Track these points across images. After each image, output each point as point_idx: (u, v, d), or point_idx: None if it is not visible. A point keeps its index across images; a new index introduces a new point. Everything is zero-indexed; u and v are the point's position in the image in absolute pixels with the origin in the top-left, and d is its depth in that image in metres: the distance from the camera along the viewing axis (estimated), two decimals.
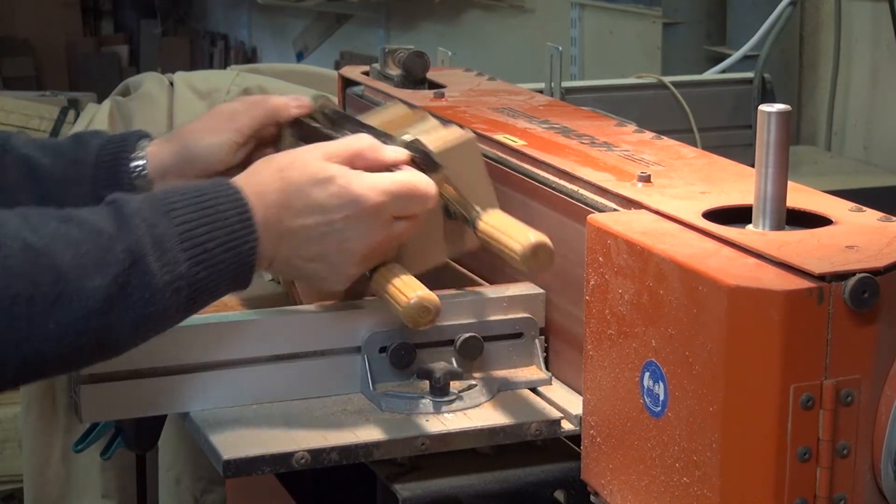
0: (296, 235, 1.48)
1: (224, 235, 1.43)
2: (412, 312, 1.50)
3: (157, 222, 1.39)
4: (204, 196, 1.44)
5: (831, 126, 3.73)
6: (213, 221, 1.43)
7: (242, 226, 1.44)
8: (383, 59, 2.19)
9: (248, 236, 1.44)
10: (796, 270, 1.27)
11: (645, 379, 1.37)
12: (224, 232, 1.43)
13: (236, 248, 1.43)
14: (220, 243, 1.42)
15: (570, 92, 3.00)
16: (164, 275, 1.38)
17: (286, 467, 1.49)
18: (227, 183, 1.47)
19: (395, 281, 1.53)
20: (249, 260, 1.44)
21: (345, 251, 1.50)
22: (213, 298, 1.46)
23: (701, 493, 1.31)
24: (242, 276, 1.46)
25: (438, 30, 6.39)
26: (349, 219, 1.48)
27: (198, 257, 1.41)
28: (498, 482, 1.56)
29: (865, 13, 3.64)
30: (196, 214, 1.42)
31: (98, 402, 1.54)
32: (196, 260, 1.40)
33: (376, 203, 1.49)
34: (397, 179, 1.52)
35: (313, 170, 1.48)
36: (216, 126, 1.73)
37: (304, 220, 1.47)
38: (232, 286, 1.46)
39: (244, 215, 1.44)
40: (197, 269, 1.41)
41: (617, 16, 5.01)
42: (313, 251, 1.49)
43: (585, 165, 1.66)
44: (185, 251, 1.40)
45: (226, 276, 1.44)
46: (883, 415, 1.29)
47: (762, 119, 1.37)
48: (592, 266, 1.45)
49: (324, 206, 1.48)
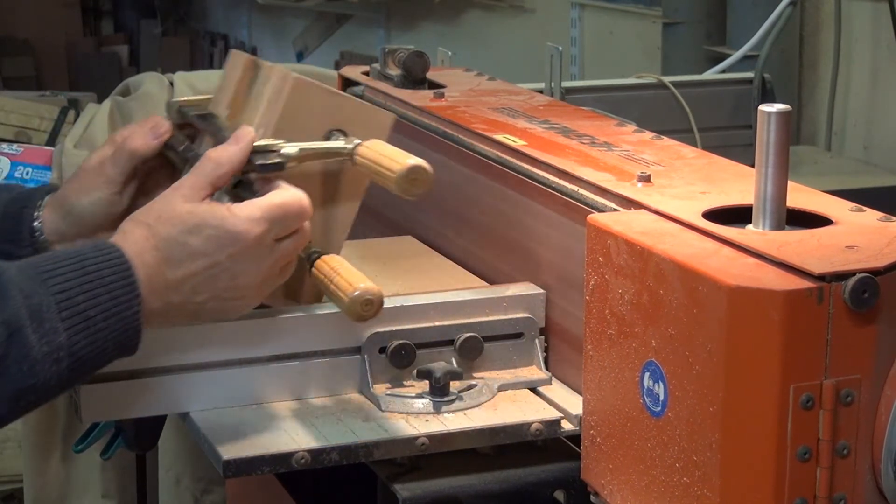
0: (184, 284, 1.45)
1: (106, 301, 1.40)
2: (355, 307, 1.45)
3: (34, 292, 1.36)
4: (85, 262, 1.41)
5: (831, 126, 3.73)
6: (94, 288, 1.39)
7: (125, 290, 1.41)
8: (383, 59, 2.19)
9: (132, 301, 1.41)
10: (796, 270, 1.27)
11: (645, 379, 1.37)
12: (106, 298, 1.40)
13: (119, 313, 1.40)
14: (102, 310, 1.39)
15: (570, 92, 3.00)
16: (43, 346, 1.34)
17: (286, 467, 1.49)
18: (110, 246, 1.43)
19: (334, 276, 1.49)
20: (134, 325, 1.41)
21: (238, 286, 1.47)
22: (99, 365, 1.42)
23: (701, 493, 1.31)
24: (129, 341, 1.42)
25: (438, 30, 6.39)
26: (233, 256, 1.45)
27: (77, 326, 1.37)
28: (498, 482, 1.56)
29: (865, 13, 3.64)
30: (76, 282, 1.39)
31: (98, 402, 1.54)
32: (75, 329, 1.37)
33: (256, 234, 1.46)
34: (270, 203, 1.47)
35: (182, 219, 1.45)
36: (88, 184, 1.67)
37: (189, 267, 1.45)
38: (118, 352, 1.43)
39: (127, 280, 1.41)
40: (77, 339, 1.37)
41: (617, 16, 5.01)
42: (206, 294, 1.46)
43: (585, 165, 1.66)
44: (63, 321, 1.36)
45: (110, 343, 1.40)
46: (883, 415, 1.29)
47: (762, 119, 1.37)
48: (592, 266, 1.45)
49: (205, 250, 1.45)
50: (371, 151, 1.54)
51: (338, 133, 1.60)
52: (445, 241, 1.96)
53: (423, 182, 1.48)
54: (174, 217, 1.46)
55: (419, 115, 2.02)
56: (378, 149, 1.54)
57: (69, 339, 1.37)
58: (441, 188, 1.95)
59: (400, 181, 1.47)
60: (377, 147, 1.54)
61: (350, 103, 1.62)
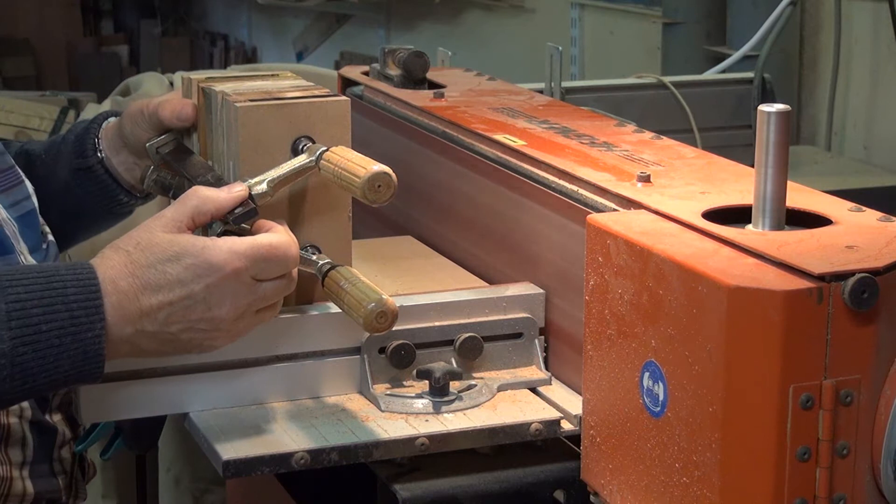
0: (159, 312, 1.44)
1: (64, 319, 1.39)
2: (370, 321, 1.46)
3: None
4: (53, 277, 1.41)
5: (831, 126, 3.73)
6: (54, 304, 1.39)
7: (87, 311, 1.40)
8: (383, 59, 2.19)
9: (94, 323, 1.40)
10: (796, 270, 1.27)
11: (645, 379, 1.37)
12: (65, 316, 1.39)
13: (78, 333, 1.40)
14: (55, 327, 1.39)
15: (570, 92, 3.00)
16: None
17: (286, 468, 1.49)
18: (85, 266, 1.43)
19: (348, 289, 1.51)
20: (95, 348, 1.41)
21: (213, 318, 1.46)
22: (55, 383, 1.41)
23: (701, 493, 1.31)
24: (89, 365, 1.41)
25: (438, 30, 6.40)
26: (210, 287, 1.44)
27: (25, 338, 1.38)
28: (498, 482, 1.56)
29: (865, 13, 3.64)
30: (36, 294, 1.39)
31: (98, 402, 1.54)
32: (22, 340, 1.38)
33: (235, 268, 1.45)
34: (255, 243, 1.47)
35: (162, 247, 1.45)
36: (128, 120, 1.83)
37: (165, 296, 1.44)
38: (77, 374, 1.42)
39: (92, 300, 1.41)
40: (23, 350, 1.38)
41: (617, 16, 5.01)
42: (180, 325, 1.45)
43: (585, 165, 1.66)
44: (10, 329, 1.37)
45: (64, 362, 1.40)
46: (883, 415, 1.29)
47: (762, 119, 1.37)
48: (592, 266, 1.45)
49: (182, 279, 1.44)
50: (336, 158, 1.54)
51: (304, 140, 1.61)
52: (445, 241, 1.96)
53: (387, 188, 1.48)
54: (154, 245, 1.46)
55: (419, 116, 2.02)
56: (342, 155, 1.54)
57: (13, 350, 1.37)
58: (440, 188, 1.95)
59: (364, 189, 1.47)
60: (341, 154, 1.54)
61: (302, 106, 1.62)
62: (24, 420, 1.69)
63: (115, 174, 1.86)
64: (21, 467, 1.69)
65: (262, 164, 1.59)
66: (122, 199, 1.89)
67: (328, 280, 1.54)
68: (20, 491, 1.68)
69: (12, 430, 1.68)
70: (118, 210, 1.92)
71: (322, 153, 1.56)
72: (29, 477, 1.69)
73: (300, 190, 1.63)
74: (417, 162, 1.99)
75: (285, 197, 1.62)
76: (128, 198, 1.89)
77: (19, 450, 1.69)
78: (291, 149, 1.61)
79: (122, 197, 1.88)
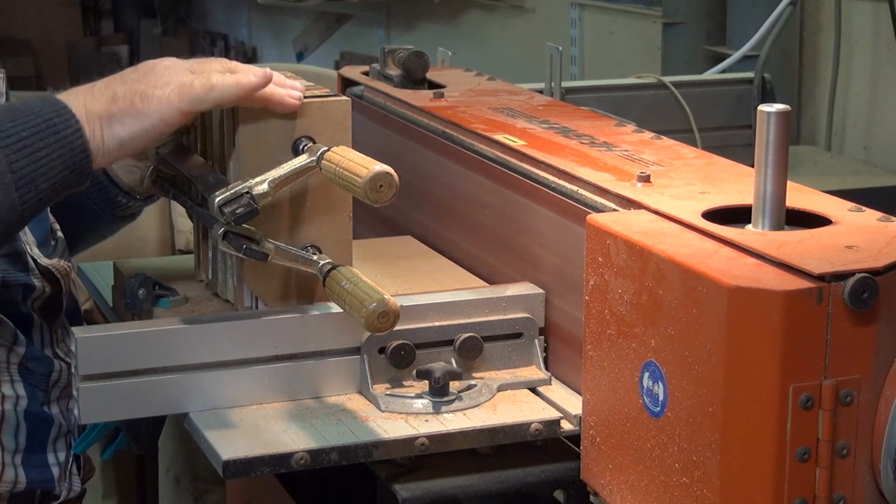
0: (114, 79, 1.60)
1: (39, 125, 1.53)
2: (372, 321, 1.47)
3: None
4: (13, 105, 1.58)
5: (831, 126, 3.73)
6: (23, 116, 1.54)
7: (57, 112, 1.55)
8: (383, 59, 2.19)
9: (69, 120, 1.54)
10: (796, 270, 1.27)
11: (644, 379, 1.37)
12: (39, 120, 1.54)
13: (58, 132, 1.54)
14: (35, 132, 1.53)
15: (570, 92, 3.01)
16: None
17: (286, 468, 1.49)
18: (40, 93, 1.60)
19: (351, 288, 1.51)
20: (79, 143, 1.54)
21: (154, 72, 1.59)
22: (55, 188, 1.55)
23: (701, 493, 1.31)
24: (78, 161, 1.55)
25: (438, 30, 6.40)
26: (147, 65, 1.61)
27: (12, 146, 1.52)
28: (498, 482, 1.56)
29: (865, 13, 3.64)
30: (8, 116, 1.54)
31: (98, 402, 1.54)
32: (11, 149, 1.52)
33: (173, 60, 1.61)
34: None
35: None
36: None
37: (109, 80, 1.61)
38: (70, 172, 1.55)
39: (58, 104, 1.56)
40: (15, 157, 1.51)
41: (617, 16, 5.02)
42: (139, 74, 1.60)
43: (585, 165, 1.66)
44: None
45: (56, 162, 1.54)
46: (882, 415, 1.29)
47: (762, 119, 1.37)
48: (592, 266, 1.45)
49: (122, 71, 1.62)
50: (337, 157, 1.54)
51: (305, 140, 1.61)
52: (445, 241, 1.96)
53: (389, 188, 1.48)
54: None
55: (419, 116, 2.02)
56: (344, 155, 1.54)
57: (7, 158, 1.51)
58: (440, 188, 1.95)
59: (366, 188, 1.47)
60: (343, 154, 1.55)
61: (302, 106, 1.62)
62: (20, 409, 1.71)
63: (114, 176, 1.86)
64: (14, 454, 1.70)
65: (262, 164, 1.59)
66: (120, 200, 1.88)
67: (329, 280, 1.55)
68: (12, 478, 1.70)
69: (6, 417, 1.69)
70: (118, 212, 1.92)
71: (323, 153, 1.56)
72: (22, 465, 1.71)
73: (301, 190, 1.63)
74: (417, 162, 1.99)
75: (286, 197, 1.62)
76: (126, 199, 1.89)
77: (12, 437, 1.70)
78: (292, 149, 1.62)
79: (121, 199, 1.88)
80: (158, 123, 1.57)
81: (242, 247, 1.56)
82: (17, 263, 1.74)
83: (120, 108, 1.57)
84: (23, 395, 1.72)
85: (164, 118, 1.57)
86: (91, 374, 1.53)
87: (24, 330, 1.75)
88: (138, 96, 1.57)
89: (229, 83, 1.57)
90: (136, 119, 1.57)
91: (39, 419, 1.74)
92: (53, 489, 1.75)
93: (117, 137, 1.57)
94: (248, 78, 1.58)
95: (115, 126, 1.56)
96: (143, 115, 1.57)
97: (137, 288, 1.71)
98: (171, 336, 1.56)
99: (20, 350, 1.74)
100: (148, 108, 1.56)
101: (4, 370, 1.72)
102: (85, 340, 1.53)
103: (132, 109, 1.56)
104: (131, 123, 1.57)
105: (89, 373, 1.53)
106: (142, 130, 1.57)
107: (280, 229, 1.63)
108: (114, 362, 1.53)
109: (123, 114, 1.56)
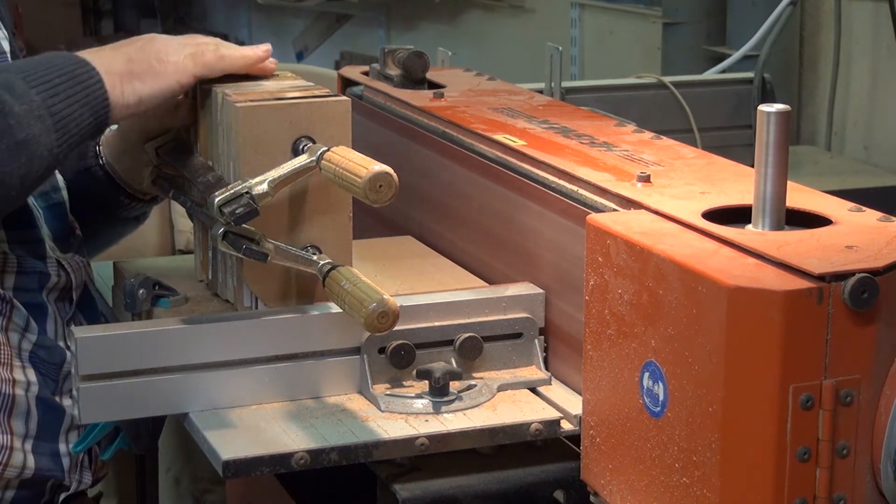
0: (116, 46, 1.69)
1: (66, 75, 1.62)
2: (372, 321, 1.47)
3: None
4: (32, 58, 1.67)
5: (831, 126, 3.73)
6: (49, 65, 1.62)
7: (78, 64, 1.64)
8: (383, 59, 2.19)
9: (90, 72, 1.63)
10: (796, 270, 1.27)
11: (644, 379, 1.37)
12: (63, 70, 1.62)
13: (82, 81, 1.63)
14: (64, 80, 1.62)
15: (570, 92, 3.01)
16: (22, 105, 1.57)
17: (286, 468, 1.49)
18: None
19: (351, 288, 1.51)
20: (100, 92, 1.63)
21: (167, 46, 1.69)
22: (82, 133, 1.63)
23: (701, 493, 1.31)
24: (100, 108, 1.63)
25: (438, 30, 6.39)
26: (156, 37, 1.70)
27: (47, 91, 1.60)
28: (498, 482, 1.56)
29: (865, 13, 3.64)
30: (30, 63, 1.64)
31: (98, 402, 1.54)
32: (47, 94, 1.60)
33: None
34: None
35: None
36: None
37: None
38: (94, 119, 1.63)
39: (77, 59, 1.64)
40: (51, 101, 1.60)
41: (617, 16, 5.02)
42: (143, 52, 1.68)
43: (585, 165, 1.66)
44: (31, 87, 1.60)
45: (85, 110, 1.62)
46: (883, 415, 1.29)
47: (762, 119, 1.37)
48: (592, 266, 1.45)
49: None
50: (337, 158, 1.54)
51: (305, 140, 1.61)
52: (445, 241, 1.96)
53: (388, 188, 1.48)
54: None
55: (419, 116, 2.02)
56: (343, 156, 1.54)
57: (44, 101, 1.59)
58: (440, 188, 1.95)
59: (366, 189, 1.47)
60: (342, 154, 1.55)
61: (302, 106, 1.63)
62: (31, 395, 1.72)
63: (117, 178, 1.87)
64: (24, 440, 1.71)
65: (262, 164, 1.59)
66: (123, 201, 1.89)
67: (329, 280, 1.55)
68: (20, 463, 1.70)
69: (17, 402, 1.71)
70: (121, 213, 1.92)
71: (323, 153, 1.56)
72: (32, 451, 1.71)
73: (301, 190, 1.63)
74: (417, 162, 1.99)
75: (286, 197, 1.62)
76: (129, 200, 1.89)
77: (23, 422, 1.71)
78: (292, 149, 1.61)
79: (123, 199, 1.89)
80: (174, 84, 1.67)
81: (242, 247, 1.56)
82: (34, 251, 1.76)
83: (138, 67, 1.66)
84: (34, 382, 1.73)
85: (179, 80, 1.67)
86: (91, 374, 1.53)
87: (39, 318, 1.76)
88: (154, 59, 1.67)
89: (237, 55, 1.70)
90: (155, 78, 1.66)
91: (52, 408, 1.75)
92: (63, 480, 1.76)
93: (137, 93, 1.66)
94: (253, 51, 1.72)
95: (136, 83, 1.66)
96: (161, 76, 1.67)
97: (137, 288, 1.72)
98: (171, 336, 1.56)
99: (32, 337, 1.75)
100: (165, 70, 1.67)
101: (16, 355, 1.73)
102: (85, 340, 1.53)
103: (151, 69, 1.67)
104: (150, 82, 1.66)
105: (89, 373, 1.53)
106: (159, 89, 1.67)
107: (280, 229, 1.63)
108: (114, 362, 1.53)
109: (143, 73, 1.66)
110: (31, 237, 1.76)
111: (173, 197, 1.78)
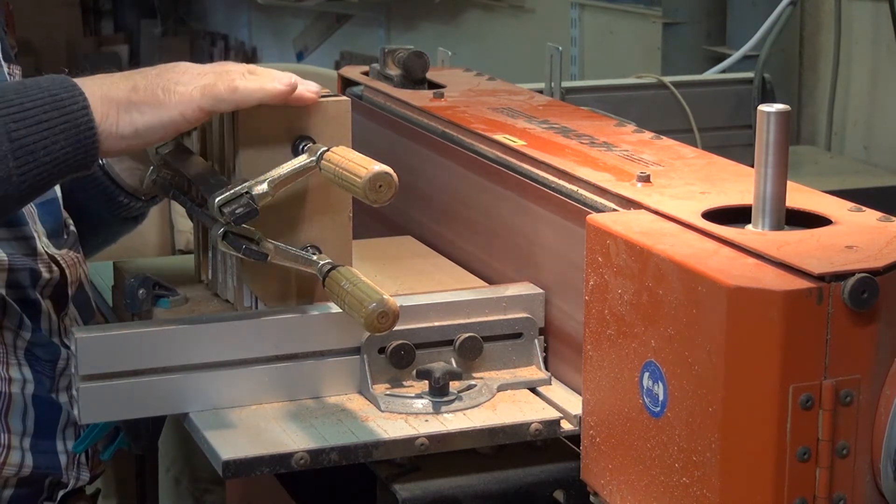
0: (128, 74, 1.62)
1: (44, 98, 1.54)
2: (372, 321, 1.47)
3: None
4: (24, 82, 1.59)
5: (831, 126, 3.73)
6: (28, 89, 1.55)
7: (64, 88, 1.56)
8: (383, 59, 2.19)
9: (76, 97, 1.55)
10: (796, 270, 1.27)
11: (644, 379, 1.37)
12: (44, 94, 1.54)
13: (63, 107, 1.54)
14: (38, 104, 1.53)
15: (570, 92, 3.01)
16: None
17: (286, 468, 1.49)
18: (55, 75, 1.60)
19: (351, 288, 1.51)
20: (84, 120, 1.54)
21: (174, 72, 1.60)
22: (58, 164, 1.54)
23: (701, 493, 1.31)
24: (83, 138, 1.54)
25: (438, 30, 6.40)
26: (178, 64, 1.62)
27: (13, 115, 1.52)
28: (498, 482, 1.56)
29: (865, 13, 3.64)
30: (8, 88, 1.56)
31: (97, 402, 1.54)
32: (11, 118, 1.52)
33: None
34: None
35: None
36: None
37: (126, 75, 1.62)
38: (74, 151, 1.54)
39: (66, 83, 1.57)
40: (15, 126, 1.51)
41: (617, 16, 5.02)
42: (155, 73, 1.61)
43: (585, 165, 1.66)
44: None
45: (59, 137, 1.53)
46: (882, 415, 1.29)
47: (762, 119, 1.37)
48: (592, 266, 1.45)
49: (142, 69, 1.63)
50: (337, 158, 1.54)
51: (305, 140, 1.61)
52: (445, 241, 1.96)
53: (388, 188, 1.48)
54: None
55: (419, 116, 2.02)
56: (343, 156, 1.54)
57: (6, 126, 1.51)
58: (440, 188, 1.95)
59: (365, 189, 1.47)
60: (342, 154, 1.55)
61: (302, 106, 1.62)
62: (27, 392, 1.72)
63: (116, 177, 1.86)
64: (21, 438, 1.71)
65: (262, 164, 1.59)
66: (122, 200, 1.89)
67: (329, 280, 1.55)
68: (17, 461, 1.70)
69: (13, 400, 1.71)
70: (120, 213, 1.92)
71: (323, 153, 1.56)
72: (30, 450, 1.71)
73: (301, 190, 1.63)
74: (417, 162, 1.99)
75: (286, 197, 1.62)
76: (128, 200, 1.89)
77: (20, 420, 1.71)
78: (292, 149, 1.62)
79: (122, 199, 1.89)
80: (177, 117, 1.57)
81: (242, 247, 1.56)
82: (23, 248, 1.76)
83: (141, 97, 1.57)
84: (30, 380, 1.73)
85: (183, 112, 1.57)
86: (91, 375, 1.53)
87: (32, 316, 1.76)
88: (160, 89, 1.58)
89: (253, 87, 1.57)
90: (157, 110, 1.57)
91: (48, 405, 1.75)
92: (62, 477, 1.76)
93: (134, 124, 1.57)
94: (273, 85, 1.58)
95: (134, 113, 1.57)
96: (164, 107, 1.57)
97: (137, 288, 1.72)
98: (171, 336, 1.56)
99: (26, 335, 1.75)
100: (170, 100, 1.57)
101: (11, 353, 1.73)
102: (85, 340, 1.53)
103: (153, 100, 1.57)
104: (150, 113, 1.57)
105: (89, 373, 1.53)
106: (160, 122, 1.58)
107: (280, 229, 1.63)
108: (114, 362, 1.53)
109: (143, 103, 1.57)
110: (20, 234, 1.75)
111: (173, 197, 1.78)
